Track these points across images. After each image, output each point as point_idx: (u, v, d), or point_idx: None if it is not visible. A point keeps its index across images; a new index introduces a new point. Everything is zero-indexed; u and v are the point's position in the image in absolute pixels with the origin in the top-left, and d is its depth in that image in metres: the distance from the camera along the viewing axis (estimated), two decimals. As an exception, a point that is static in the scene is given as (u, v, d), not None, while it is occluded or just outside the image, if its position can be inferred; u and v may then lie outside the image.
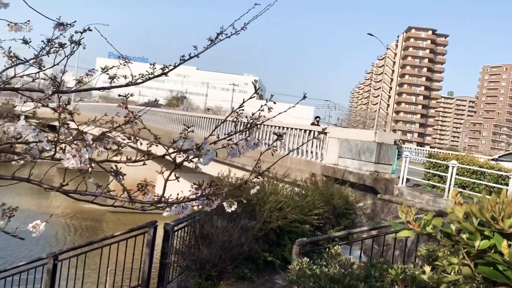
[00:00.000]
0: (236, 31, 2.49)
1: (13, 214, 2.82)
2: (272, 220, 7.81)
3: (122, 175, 1.81)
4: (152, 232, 6.62)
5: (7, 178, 1.88)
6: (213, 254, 6.73)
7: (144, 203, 1.84)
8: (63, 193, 1.84)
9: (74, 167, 1.60)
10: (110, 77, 2.61)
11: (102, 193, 1.85)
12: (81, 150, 1.57)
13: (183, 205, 1.84)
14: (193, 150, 1.57)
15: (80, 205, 29.25)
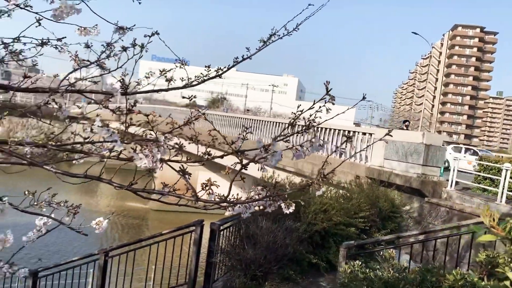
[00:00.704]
0: (288, 32, 2.49)
1: (78, 211, 2.94)
2: (317, 222, 7.75)
3: (189, 175, 1.85)
4: (199, 231, 6.72)
5: (80, 177, 1.96)
6: (258, 255, 6.76)
7: (210, 203, 1.87)
8: (132, 191, 1.90)
9: (146, 166, 1.65)
10: (166, 79, 2.67)
11: (169, 192, 1.89)
12: (153, 150, 1.62)
13: (247, 205, 1.85)
14: (261, 151, 1.58)
15: (125, 204, 30.19)
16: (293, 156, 1.67)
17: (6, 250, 3.06)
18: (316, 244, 8.05)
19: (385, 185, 10.71)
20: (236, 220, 7.12)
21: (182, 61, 2.71)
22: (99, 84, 3.35)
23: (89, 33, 2.29)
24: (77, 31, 2.27)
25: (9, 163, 2.53)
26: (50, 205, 2.82)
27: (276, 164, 1.58)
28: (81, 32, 2.26)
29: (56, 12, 1.96)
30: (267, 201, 1.78)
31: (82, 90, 2.65)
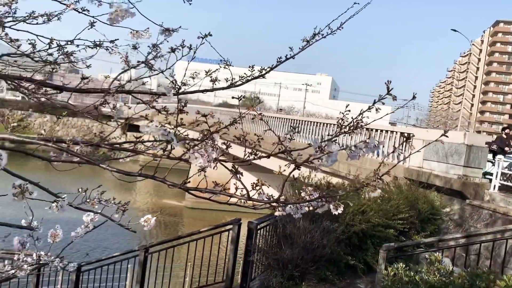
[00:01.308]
0: (332, 31, 2.47)
1: (127, 209, 3.02)
2: (355, 223, 7.65)
3: (241, 174, 1.87)
4: (237, 229, 6.77)
5: (134, 175, 2.02)
6: (295, 255, 6.74)
7: (261, 202, 1.88)
8: (185, 190, 1.94)
9: (201, 165, 1.68)
10: (211, 79, 2.70)
11: (222, 191, 1.92)
12: (208, 150, 1.65)
13: (298, 206, 1.85)
14: (316, 151, 1.57)
15: (161, 201, 30.80)
16: (347, 157, 1.66)
17: (56, 244, 3.19)
18: (354, 246, 7.96)
19: (424, 186, 10.45)
20: (273, 220, 7.13)
21: (227, 62, 2.73)
22: (146, 85, 3.43)
23: (141, 36, 2.35)
24: (129, 34, 2.33)
25: (67, 161, 2.63)
26: (100, 202, 2.91)
27: (332, 164, 1.57)
28: (133, 35, 2.32)
29: (112, 15, 2.02)
30: (319, 202, 1.77)
31: (132, 91, 2.72)
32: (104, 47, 2.63)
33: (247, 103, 77.10)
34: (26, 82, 2.33)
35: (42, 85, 2.30)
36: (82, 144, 2.27)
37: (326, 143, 1.55)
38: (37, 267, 3.76)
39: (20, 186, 1.81)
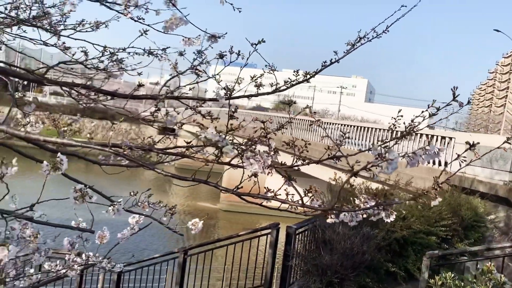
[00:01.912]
0: (377, 34, 2.42)
1: (175, 212, 3.07)
2: (395, 230, 7.49)
3: (295, 180, 1.86)
4: (275, 233, 6.76)
5: (188, 180, 2.05)
6: (335, 261, 6.66)
7: (315, 209, 1.86)
8: (237, 195, 1.95)
9: (256, 171, 1.68)
10: (255, 85, 2.71)
11: (274, 196, 1.91)
12: (263, 156, 1.65)
13: (353, 214, 1.83)
14: (376, 158, 1.54)
15: (196, 203, 31.18)
16: (407, 164, 1.62)
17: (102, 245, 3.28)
18: (394, 252, 7.79)
19: (467, 193, 10.10)
20: (311, 225, 7.08)
21: (272, 67, 2.73)
22: (193, 90, 3.48)
23: (193, 43, 2.39)
24: (181, 42, 2.37)
25: (115, 165, 2.71)
26: (149, 205, 2.97)
27: (392, 172, 1.54)
28: (186, 43, 2.36)
29: (167, 24, 2.07)
30: (375, 210, 1.74)
31: (180, 96, 2.76)
32: (155, 54, 2.69)
33: (281, 106, 76.84)
34: (83, 89, 2.41)
35: (98, 91, 2.37)
36: (136, 149, 2.33)
37: (386, 150, 1.52)
38: (86, 267, 3.88)
39: (80, 190, 1.87)
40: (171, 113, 2.29)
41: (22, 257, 2.80)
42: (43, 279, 3.59)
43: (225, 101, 2.60)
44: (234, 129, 2.21)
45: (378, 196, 1.72)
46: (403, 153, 1.67)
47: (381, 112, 69.84)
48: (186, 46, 2.39)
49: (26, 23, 2.45)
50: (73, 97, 3.07)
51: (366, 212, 1.85)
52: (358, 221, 1.83)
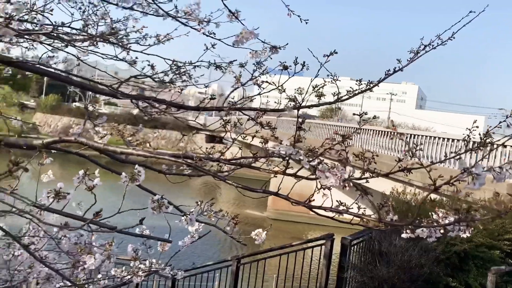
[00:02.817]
0: (442, 41, 2.34)
1: (238, 221, 3.10)
2: (456, 243, 7.16)
3: (371, 194, 1.83)
4: (329, 244, 6.66)
5: (258, 191, 2.07)
6: (392, 273, 6.47)
7: (390, 224, 1.82)
8: (308, 208, 1.94)
9: (333, 185, 1.67)
10: (316, 95, 2.69)
11: (347, 210, 1.89)
12: (341, 169, 1.63)
13: (432, 230, 1.77)
14: (462, 173, 1.49)
15: (244, 211, 31.35)
16: (493, 179, 1.55)
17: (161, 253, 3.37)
18: (454, 266, 7.44)
19: (533, 205, 9.51)
20: (367, 236, 6.92)
21: (334, 76, 2.71)
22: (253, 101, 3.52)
23: (259, 56, 2.41)
24: (249, 54, 2.41)
25: (179, 174, 2.78)
26: (214, 214, 3.02)
27: (480, 188, 1.47)
28: (253, 55, 2.39)
29: (238, 38, 2.11)
30: (458, 225, 1.67)
31: (243, 108, 2.80)
32: (222, 68, 2.75)
33: (327, 114, 76.02)
34: (154, 102, 2.49)
35: (169, 105, 2.45)
36: (205, 160, 2.37)
37: (474, 165, 1.46)
38: (149, 273, 3.99)
39: (158, 201, 1.93)
40: (238, 124, 2.33)
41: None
42: (109, 284, 3.72)
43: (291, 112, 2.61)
44: (299, 140, 2.21)
45: (459, 212, 1.65)
46: (487, 167, 1.60)
47: (433, 119, 67.45)
48: (253, 58, 2.43)
49: (101, 39, 2.58)
50: (140, 109, 3.19)
51: (445, 228, 1.79)
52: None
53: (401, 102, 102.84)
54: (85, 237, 3.48)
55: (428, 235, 1.76)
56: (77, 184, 1.80)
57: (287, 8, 2.25)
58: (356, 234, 6.83)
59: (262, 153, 2.20)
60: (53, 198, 1.65)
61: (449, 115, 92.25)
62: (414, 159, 2.05)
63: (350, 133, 1.88)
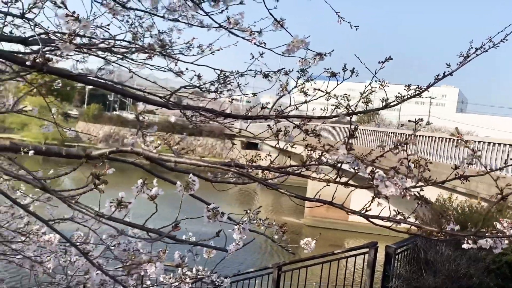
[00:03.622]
0: (494, 44, 2.25)
1: (286, 230, 3.09)
2: (507, 252, 6.85)
3: (430, 203, 1.78)
4: (373, 253, 6.52)
5: (312, 200, 2.06)
6: (439, 283, 6.26)
7: (450, 234, 1.76)
8: (365, 217, 1.91)
9: (393, 194, 1.64)
10: (364, 101, 2.65)
11: (404, 219, 1.84)
12: (402, 178, 1.60)
13: (497, 240, 1.70)
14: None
15: (280, 218, 31.25)
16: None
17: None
18: (505, 277, 7.12)
19: None
20: (412, 244, 6.74)
21: (383, 82, 2.66)
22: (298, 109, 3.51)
23: (308, 64, 2.41)
24: (298, 63, 2.41)
25: (225, 182, 2.80)
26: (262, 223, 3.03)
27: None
28: (302, 63, 2.39)
29: (289, 47, 2.12)
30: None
31: (289, 115, 2.80)
32: (270, 76, 2.76)
33: (364, 119, 74.91)
34: (204, 111, 2.54)
35: (218, 114, 2.48)
36: (255, 168, 2.39)
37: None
38: (196, 280, 4.04)
39: (213, 210, 1.95)
40: (289, 133, 2.33)
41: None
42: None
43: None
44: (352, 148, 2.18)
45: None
46: None
47: (475, 123, 65.13)
48: (303, 66, 2.42)
49: (154, 51, 2.65)
50: (187, 118, 3.25)
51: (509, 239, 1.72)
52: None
53: (441, 106, 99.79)
54: (133, 244, 3.56)
55: (493, 246, 1.69)
56: (137, 193, 1.84)
57: (337, 14, 2.24)
58: (400, 242, 6.67)
59: (305, 160, 2.19)
60: (115, 207, 1.69)
61: (492, 118, 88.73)
62: (474, 167, 1.99)
63: (407, 140, 1.83)
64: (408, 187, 1.70)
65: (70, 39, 1.65)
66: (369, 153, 2.15)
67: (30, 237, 3.58)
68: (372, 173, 1.73)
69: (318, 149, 2.42)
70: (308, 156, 2.41)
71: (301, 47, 2.12)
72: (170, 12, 3.32)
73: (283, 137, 2.35)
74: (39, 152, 1.80)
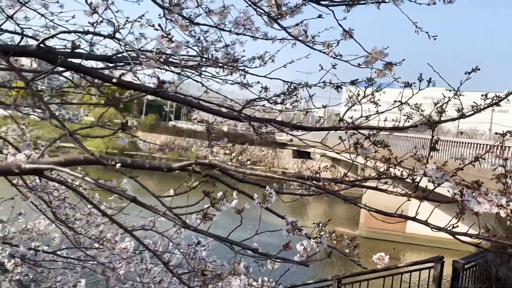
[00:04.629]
0: None
1: (358, 244, 3.03)
2: None
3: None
4: (439, 268, 6.24)
5: (394, 216, 2.01)
6: (513, 303, 5.88)
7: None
8: (451, 234, 1.83)
9: (487, 211, 1.56)
10: (437, 111, 2.56)
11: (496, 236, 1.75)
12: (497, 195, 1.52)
13: None
14: None
15: (335, 228, 30.72)
16: None
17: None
18: None
19: None
20: (481, 260, 6.38)
21: (457, 91, 2.56)
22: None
23: (385, 75, 2.37)
24: (374, 74, 2.37)
25: (296, 194, 2.79)
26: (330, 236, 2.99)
27: None
28: (378, 74, 2.36)
29: (367, 58, 2.09)
30: None
31: (359, 126, 2.75)
32: (338, 86, 2.74)
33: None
34: (275, 123, 2.55)
35: (291, 126, 2.49)
36: (329, 181, 2.36)
37: None
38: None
39: (292, 223, 1.95)
40: (366, 146, 2.29)
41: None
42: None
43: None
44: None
45: None
46: None
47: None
48: (379, 77, 2.38)
49: (229, 66, 2.71)
50: (255, 130, 3.29)
51: None
52: None
53: (504, 113, 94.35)
54: (199, 253, 3.63)
55: None
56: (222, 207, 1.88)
57: (415, 25, 2.19)
58: (469, 257, 6.34)
59: (379, 173, 2.13)
60: (201, 219, 1.74)
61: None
62: None
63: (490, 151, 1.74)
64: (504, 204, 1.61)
65: (158, 58, 1.73)
66: (443, 164, 2.07)
67: (105, 244, 3.76)
68: (461, 190, 1.66)
69: (391, 162, 2.37)
70: (375, 168, 2.37)
71: (380, 58, 2.09)
72: (236, 26, 3.40)
73: (360, 150, 2.31)
74: (125, 165, 1.88)
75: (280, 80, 2.80)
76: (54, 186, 3.30)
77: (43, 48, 1.91)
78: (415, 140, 23.50)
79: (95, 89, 5.01)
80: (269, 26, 2.30)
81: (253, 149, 54.11)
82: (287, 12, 2.47)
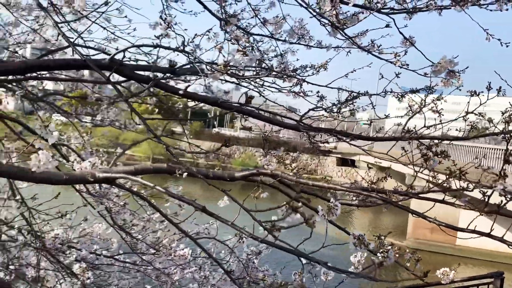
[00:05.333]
0: None
1: (420, 258, 2.94)
2: None
3: None
4: (499, 284, 5.91)
5: (467, 231, 1.93)
6: None
7: None
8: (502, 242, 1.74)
9: None
10: (505, 120, 2.46)
11: None
12: None
13: None
14: None
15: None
16: None
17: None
18: None
19: None
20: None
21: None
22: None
23: (451, 84, 2.29)
24: (440, 83, 2.31)
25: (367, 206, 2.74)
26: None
27: None
28: (444, 84, 2.30)
29: (436, 68, 2.03)
30: None
31: (422, 137, 2.68)
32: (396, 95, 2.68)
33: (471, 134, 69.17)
34: (336, 133, 2.53)
35: (351, 136, 2.47)
36: (393, 193, 2.31)
37: None
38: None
39: (359, 237, 1.93)
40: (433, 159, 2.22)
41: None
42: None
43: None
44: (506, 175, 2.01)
45: None
46: None
47: None
48: (445, 87, 2.31)
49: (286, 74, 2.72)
50: (310, 139, 3.27)
51: None
52: None
53: None
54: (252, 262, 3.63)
55: None
56: (283, 216, 1.88)
57: (486, 32, 2.11)
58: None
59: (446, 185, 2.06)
60: (269, 229, 1.75)
61: None
62: None
63: None
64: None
65: (226, 70, 1.76)
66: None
67: (161, 249, 3.85)
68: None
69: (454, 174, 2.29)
70: (433, 180, 2.30)
71: (449, 68, 2.02)
72: (292, 35, 3.40)
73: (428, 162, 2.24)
74: (190, 174, 1.92)
75: (342, 89, 2.77)
76: (115, 193, 3.42)
77: (116, 61, 1.99)
78: (476, 150, 21.53)
79: (150, 98, 5.16)
80: (332, 36, 2.28)
81: (295, 156, 53.77)
82: (348, 21, 2.45)
